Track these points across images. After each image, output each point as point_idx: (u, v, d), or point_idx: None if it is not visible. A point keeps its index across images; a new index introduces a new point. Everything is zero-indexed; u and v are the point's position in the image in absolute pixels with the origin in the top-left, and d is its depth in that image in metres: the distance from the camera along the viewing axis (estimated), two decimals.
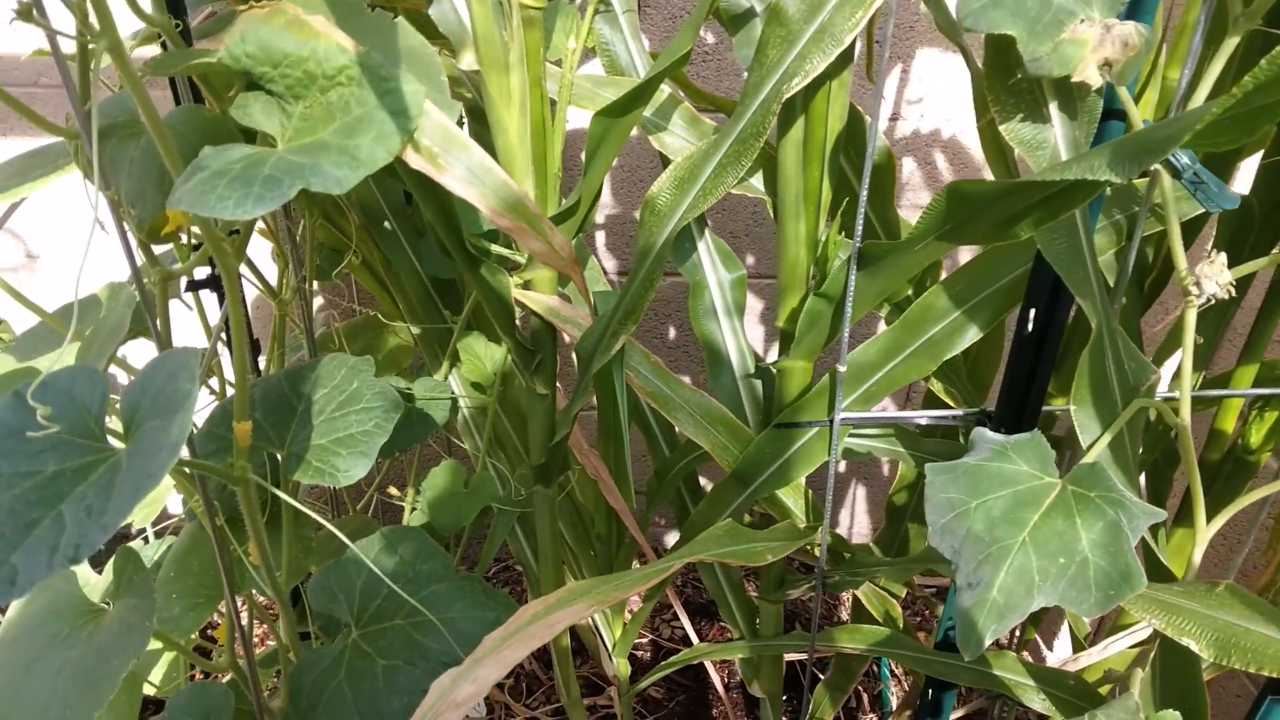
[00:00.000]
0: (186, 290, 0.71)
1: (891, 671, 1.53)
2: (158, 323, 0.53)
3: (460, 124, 0.64)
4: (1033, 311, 0.60)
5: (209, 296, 0.75)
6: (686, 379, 0.88)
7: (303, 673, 0.63)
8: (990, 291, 0.61)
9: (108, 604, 0.60)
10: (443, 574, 0.66)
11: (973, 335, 0.62)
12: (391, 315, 1.01)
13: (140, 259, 0.52)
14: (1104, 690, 0.72)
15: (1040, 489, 0.52)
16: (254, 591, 0.74)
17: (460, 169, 0.41)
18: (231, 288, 0.48)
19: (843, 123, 0.62)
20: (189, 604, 0.75)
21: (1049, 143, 0.51)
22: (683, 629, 1.62)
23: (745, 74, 0.62)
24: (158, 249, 0.54)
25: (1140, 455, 0.68)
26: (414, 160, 0.41)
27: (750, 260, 1.37)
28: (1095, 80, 0.46)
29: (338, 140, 0.41)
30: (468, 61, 0.64)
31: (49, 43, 0.43)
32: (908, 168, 1.32)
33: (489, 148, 0.57)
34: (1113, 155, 0.42)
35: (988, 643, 0.52)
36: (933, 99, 1.27)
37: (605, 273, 1.27)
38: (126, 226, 0.52)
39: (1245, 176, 0.82)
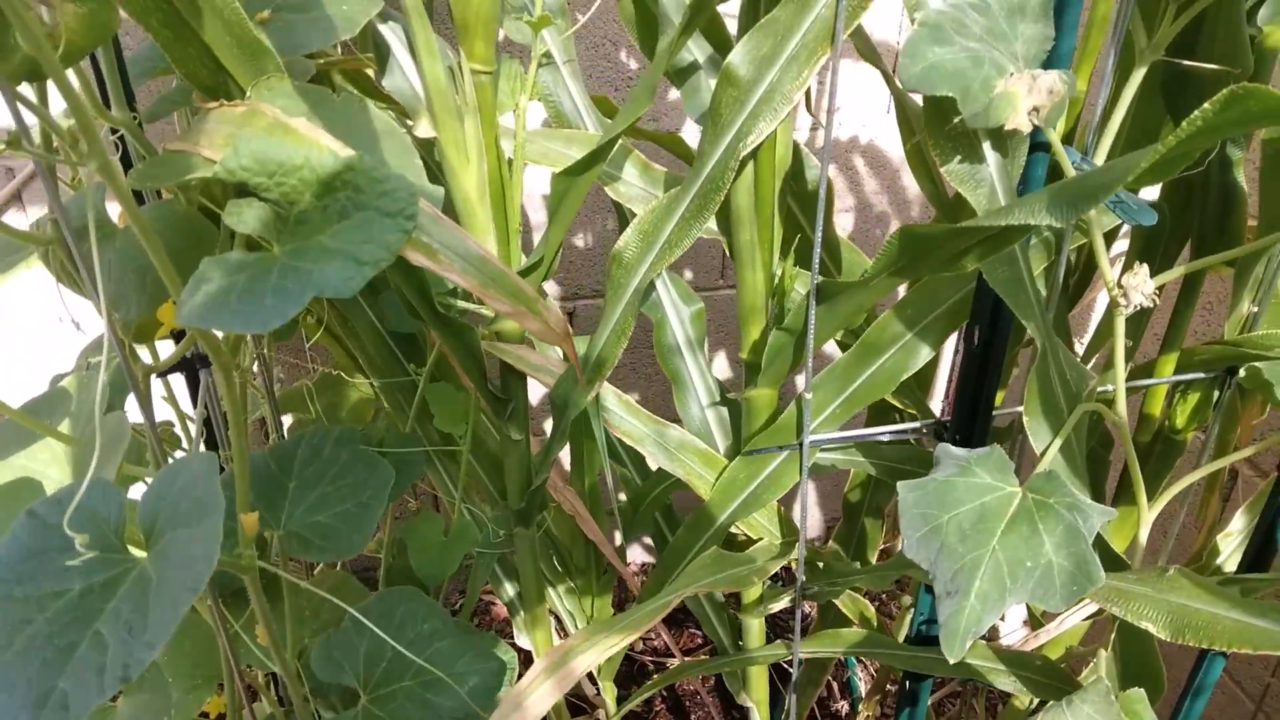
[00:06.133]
0: (157, 375, 0.71)
1: (858, 659, 1.59)
2: (152, 419, 0.54)
3: None
4: (978, 329, 0.65)
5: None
6: (634, 396, 0.91)
7: None
8: (938, 313, 0.65)
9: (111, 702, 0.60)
10: (443, 631, 0.68)
11: (925, 355, 0.66)
12: (348, 369, 1.01)
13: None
14: (1068, 667, 0.78)
15: (1004, 498, 0.57)
16: (249, 667, 0.74)
17: (458, 261, 0.43)
18: (230, 386, 0.50)
19: (788, 164, 0.66)
20: (187, 686, 0.75)
21: (986, 179, 0.55)
22: (654, 639, 1.65)
23: (688, 115, 0.66)
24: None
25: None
26: (414, 257, 0.43)
27: (689, 275, 1.41)
28: (1026, 127, 0.51)
29: (338, 244, 0.43)
30: (423, 129, 0.66)
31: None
32: (829, 173, 1.37)
33: (449, 209, 0.59)
34: (1051, 201, 0.46)
35: (969, 644, 0.56)
36: (848, 106, 1.32)
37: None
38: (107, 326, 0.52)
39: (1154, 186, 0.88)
